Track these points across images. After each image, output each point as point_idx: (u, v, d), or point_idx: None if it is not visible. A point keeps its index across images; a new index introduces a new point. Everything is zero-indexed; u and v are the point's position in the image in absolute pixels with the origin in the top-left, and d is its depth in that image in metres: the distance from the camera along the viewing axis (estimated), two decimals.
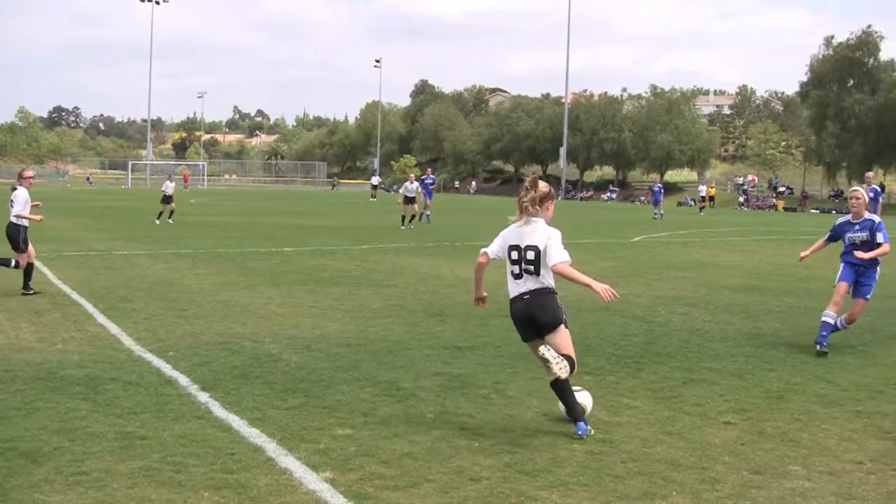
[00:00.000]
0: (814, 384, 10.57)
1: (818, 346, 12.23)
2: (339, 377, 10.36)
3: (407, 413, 8.90)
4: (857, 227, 12.59)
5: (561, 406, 8.53)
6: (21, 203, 16.90)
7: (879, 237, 12.51)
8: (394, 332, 13.34)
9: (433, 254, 26.59)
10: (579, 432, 8.19)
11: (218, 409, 8.82)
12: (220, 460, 7.25)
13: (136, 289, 17.38)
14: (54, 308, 15.00)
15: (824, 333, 12.27)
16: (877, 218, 12.64)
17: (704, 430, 8.50)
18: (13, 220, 16.96)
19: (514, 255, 8.49)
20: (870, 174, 33.13)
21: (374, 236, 33.72)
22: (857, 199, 12.72)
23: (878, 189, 30.05)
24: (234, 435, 7.98)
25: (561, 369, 8.09)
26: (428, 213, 42.98)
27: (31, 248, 17.05)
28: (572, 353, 8.43)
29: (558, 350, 8.30)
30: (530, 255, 8.38)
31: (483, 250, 8.79)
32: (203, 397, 9.29)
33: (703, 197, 75.98)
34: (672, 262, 25.60)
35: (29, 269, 16.85)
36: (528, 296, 8.43)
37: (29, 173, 17.87)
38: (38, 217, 17.61)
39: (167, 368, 10.60)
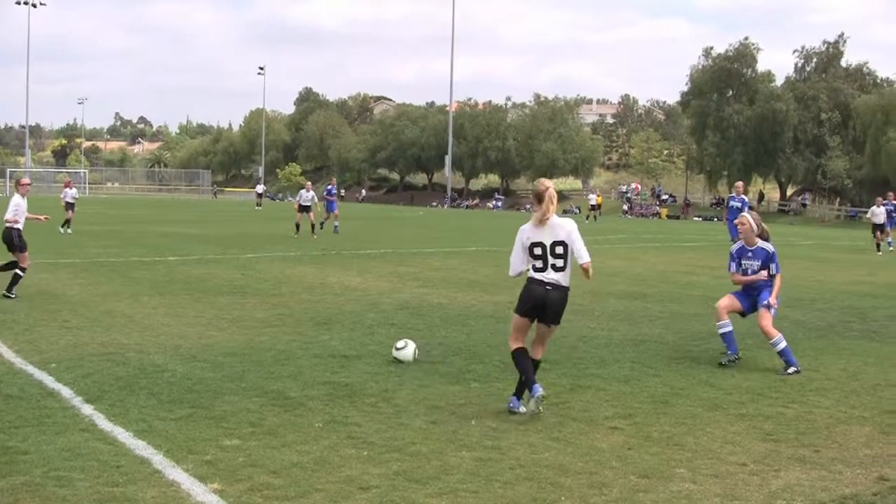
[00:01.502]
0: (698, 388, 10.76)
1: (732, 356, 12.25)
2: (226, 387, 10.26)
3: (295, 422, 8.84)
4: (749, 253, 12.61)
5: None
6: (12, 209, 18.16)
7: (773, 268, 12.53)
8: (280, 342, 13.26)
9: (319, 262, 26.48)
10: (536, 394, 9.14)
11: (103, 422, 8.67)
12: (106, 473, 7.13)
13: (17, 299, 17.00)
14: None
15: (729, 341, 12.38)
16: (770, 247, 12.59)
17: (592, 436, 8.60)
18: (6, 224, 18.10)
19: (538, 251, 9.22)
20: (739, 184, 33.85)
21: (259, 245, 33.48)
22: (743, 225, 12.68)
23: (745, 199, 30.81)
24: (120, 447, 7.85)
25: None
26: (336, 223, 42.03)
27: (27, 255, 18.25)
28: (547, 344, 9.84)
29: (547, 338, 9.62)
30: (559, 249, 9.19)
31: (509, 275, 9.61)
32: (87, 410, 9.12)
33: (592, 205, 76.62)
34: None
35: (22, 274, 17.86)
36: (550, 287, 9.21)
37: (25, 181, 19.58)
38: (42, 217, 19.79)
39: (49, 381, 10.37)
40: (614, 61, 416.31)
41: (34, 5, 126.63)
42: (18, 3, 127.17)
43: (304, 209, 39.38)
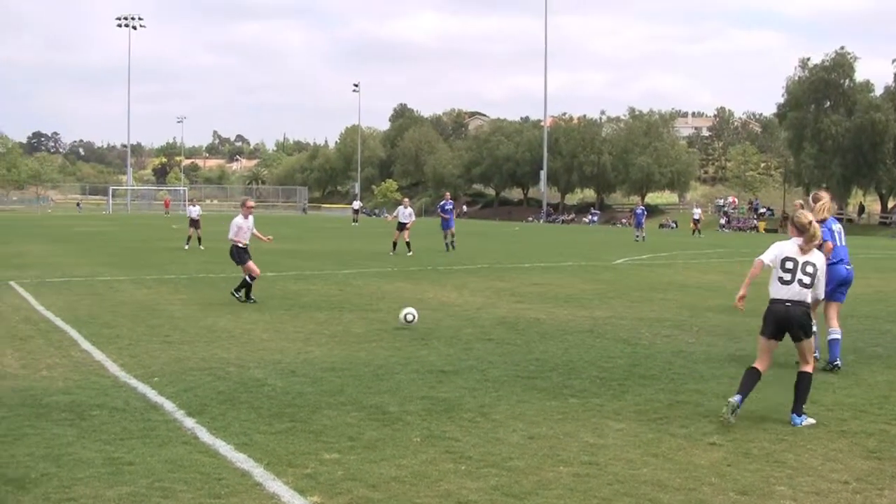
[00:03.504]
0: None
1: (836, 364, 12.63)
2: (325, 402, 10.36)
3: (393, 437, 8.90)
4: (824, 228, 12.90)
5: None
6: (233, 229, 20.72)
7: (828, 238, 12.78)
8: (378, 357, 13.35)
9: (417, 278, 26.58)
10: (799, 422, 9.66)
11: (204, 435, 8.82)
12: (208, 486, 7.25)
13: (120, 315, 17.35)
14: (38, 334, 14.97)
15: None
16: (826, 226, 12.88)
17: (690, 452, 8.53)
18: (231, 242, 20.73)
19: (790, 265, 10.01)
20: (797, 203, 33.54)
21: (356, 260, 33.72)
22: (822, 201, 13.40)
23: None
24: (221, 460, 7.98)
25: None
26: (452, 240, 41.09)
27: (253, 265, 20.30)
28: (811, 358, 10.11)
29: (805, 354, 9.96)
30: (809, 269, 9.94)
31: (757, 259, 10.42)
32: (189, 423, 9.28)
33: (696, 220, 75.90)
34: (655, 284, 25.66)
35: (250, 283, 20.06)
36: (790, 304, 9.90)
37: (250, 203, 21.86)
38: (266, 238, 21.91)
39: (153, 394, 10.58)
40: (706, 73, 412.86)
41: (134, 27, 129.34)
42: (120, 26, 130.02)
43: (401, 227, 38.06)
